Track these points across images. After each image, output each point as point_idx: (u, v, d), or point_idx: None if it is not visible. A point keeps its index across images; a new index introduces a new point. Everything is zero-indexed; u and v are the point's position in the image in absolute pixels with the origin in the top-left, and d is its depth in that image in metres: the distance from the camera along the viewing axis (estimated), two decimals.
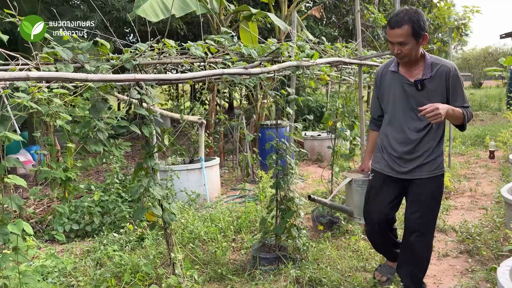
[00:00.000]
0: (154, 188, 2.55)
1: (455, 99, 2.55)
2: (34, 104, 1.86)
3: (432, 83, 2.53)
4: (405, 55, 2.48)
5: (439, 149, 2.65)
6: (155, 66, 2.74)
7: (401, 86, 2.60)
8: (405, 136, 2.62)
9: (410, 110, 2.60)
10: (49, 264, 3.60)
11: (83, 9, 7.53)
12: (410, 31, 2.40)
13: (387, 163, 2.73)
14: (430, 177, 2.65)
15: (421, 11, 2.47)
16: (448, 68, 2.53)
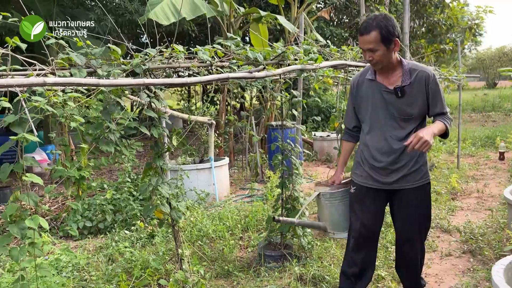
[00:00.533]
0: (162, 187, 2.67)
1: (435, 104, 2.51)
2: (49, 107, 1.99)
3: (412, 90, 2.47)
4: (377, 62, 2.43)
5: (423, 158, 2.57)
6: (164, 70, 2.86)
7: (380, 94, 2.52)
8: (388, 145, 2.52)
9: (390, 119, 2.52)
10: (63, 259, 3.77)
11: (96, 12, 7.71)
12: (379, 37, 2.34)
13: (369, 175, 2.62)
14: (417, 187, 2.57)
15: (390, 17, 2.42)
16: (427, 73, 2.48)
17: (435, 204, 5.24)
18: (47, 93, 2.05)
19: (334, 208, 2.84)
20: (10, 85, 1.65)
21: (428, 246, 3.99)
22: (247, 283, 3.34)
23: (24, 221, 1.96)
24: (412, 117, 2.49)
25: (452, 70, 7.05)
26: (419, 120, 2.53)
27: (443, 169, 7.14)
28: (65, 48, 2.35)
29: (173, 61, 2.88)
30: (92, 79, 1.91)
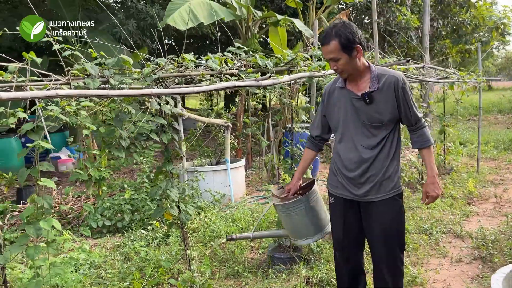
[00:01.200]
0: (171, 191, 2.79)
1: (407, 111, 2.44)
2: (63, 116, 2.13)
3: (381, 95, 2.40)
4: (342, 70, 2.40)
5: (392, 168, 2.48)
6: (175, 78, 2.98)
7: (350, 102, 2.47)
8: (358, 154, 2.47)
9: (361, 126, 2.46)
10: (82, 257, 3.94)
11: (119, 17, 7.94)
12: (338, 46, 2.30)
13: (344, 185, 2.57)
14: (387, 199, 2.49)
15: (349, 24, 2.37)
16: (396, 78, 2.40)
17: (449, 209, 5.21)
18: (62, 103, 2.19)
19: (289, 218, 2.79)
20: (26, 97, 1.78)
21: (439, 251, 4.00)
22: (255, 284, 3.43)
23: (39, 222, 2.10)
24: (383, 123, 2.43)
25: (472, 72, 6.96)
26: (391, 127, 2.47)
27: (461, 173, 7.06)
28: (80, 58, 2.49)
29: (184, 70, 3.01)
30: (101, 91, 2.04)
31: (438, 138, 7.16)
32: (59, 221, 5.34)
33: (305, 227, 2.76)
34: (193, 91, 2.45)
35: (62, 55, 2.44)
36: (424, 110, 6.08)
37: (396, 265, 2.57)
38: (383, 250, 2.54)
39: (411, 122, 2.50)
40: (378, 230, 2.52)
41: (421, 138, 2.52)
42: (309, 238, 2.81)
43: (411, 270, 3.54)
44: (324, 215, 2.92)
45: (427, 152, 2.52)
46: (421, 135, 2.52)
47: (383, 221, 2.50)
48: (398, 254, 2.56)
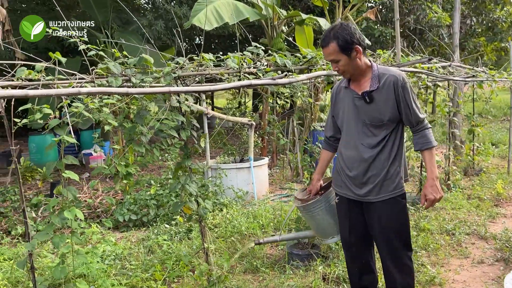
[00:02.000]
0: (190, 185, 2.88)
1: (408, 111, 2.42)
2: (87, 113, 2.26)
3: (381, 95, 2.41)
4: (344, 71, 2.43)
5: (394, 167, 2.47)
6: (195, 77, 3.08)
7: (352, 101, 2.50)
8: (358, 154, 2.48)
9: (362, 126, 2.48)
10: (108, 249, 4.12)
11: (148, 17, 8.16)
12: (337, 47, 2.34)
13: (346, 185, 2.59)
14: (389, 199, 2.47)
15: (347, 25, 2.39)
16: (396, 77, 2.40)
17: (475, 210, 5.11)
18: (86, 100, 2.31)
19: (312, 219, 2.83)
20: (50, 95, 1.91)
21: (461, 252, 3.94)
22: (272, 279, 3.49)
23: (63, 212, 2.23)
24: (383, 123, 2.43)
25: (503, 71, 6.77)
26: (392, 127, 2.46)
27: (491, 174, 6.88)
28: (103, 58, 2.62)
29: (204, 69, 3.10)
30: (121, 88, 2.15)
31: (467, 138, 7.01)
32: (88, 214, 5.57)
33: (329, 226, 2.77)
34: (209, 89, 2.54)
35: (87, 55, 2.58)
36: (452, 110, 5.97)
37: (402, 262, 2.56)
38: (386, 249, 2.55)
39: (412, 123, 2.47)
40: (380, 230, 2.53)
41: (423, 140, 2.48)
42: (334, 237, 2.83)
43: (430, 270, 3.52)
44: None
45: (428, 154, 2.47)
46: (423, 137, 2.48)
47: (384, 221, 2.50)
48: (405, 252, 2.55)
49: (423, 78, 4.86)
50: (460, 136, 7.37)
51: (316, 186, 2.91)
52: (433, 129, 6.35)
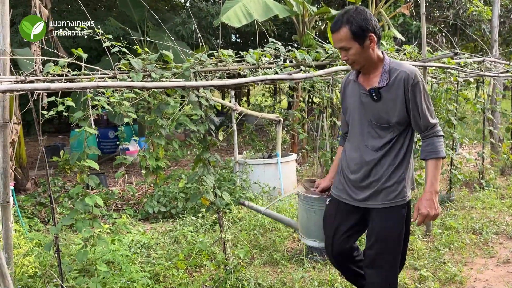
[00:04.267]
0: (208, 177, 2.99)
1: (417, 114, 2.17)
2: (107, 106, 2.40)
3: (390, 93, 2.16)
4: (354, 62, 2.18)
5: (398, 175, 2.23)
6: (215, 72, 3.18)
7: (359, 97, 2.27)
8: (360, 156, 2.28)
9: (368, 125, 2.25)
10: (136, 238, 4.31)
11: (182, 16, 8.37)
12: (349, 34, 2.09)
13: (344, 188, 2.37)
14: (386, 208, 2.24)
15: (363, 9, 2.14)
16: (407, 74, 2.14)
17: (507, 210, 4.95)
18: (107, 94, 2.46)
19: (306, 213, 2.63)
20: (70, 88, 2.05)
21: (487, 251, 3.85)
22: (291, 272, 3.55)
23: (85, 199, 2.39)
24: (390, 125, 2.20)
25: None
26: (399, 129, 2.22)
27: None
28: (126, 54, 2.76)
29: (224, 64, 3.20)
30: (138, 82, 2.27)
31: (505, 137, 6.77)
32: (121, 206, 5.83)
33: (318, 228, 2.56)
34: (224, 84, 2.62)
35: (110, 52, 2.74)
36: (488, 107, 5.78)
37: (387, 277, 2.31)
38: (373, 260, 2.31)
39: (420, 128, 2.22)
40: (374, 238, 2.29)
41: (430, 148, 2.22)
42: (316, 241, 2.60)
43: (451, 268, 3.46)
44: None
45: (432, 165, 2.20)
46: (430, 144, 2.22)
47: (379, 229, 2.27)
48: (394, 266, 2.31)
49: (453, 74, 4.76)
50: (498, 135, 7.12)
51: (328, 184, 2.65)
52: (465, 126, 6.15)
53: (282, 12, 6.71)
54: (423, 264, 3.57)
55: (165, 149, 5.91)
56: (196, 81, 2.72)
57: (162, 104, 2.75)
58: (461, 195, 5.51)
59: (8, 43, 2.49)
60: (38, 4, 6.48)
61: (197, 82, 2.60)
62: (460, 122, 5.31)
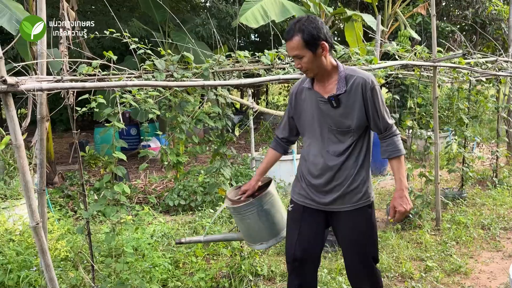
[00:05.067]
0: (224, 170, 3.22)
1: (376, 116, 2.24)
2: (133, 103, 2.65)
3: (349, 99, 2.21)
4: (307, 69, 2.21)
5: (361, 176, 2.30)
6: (232, 72, 3.40)
7: (317, 105, 2.28)
8: (323, 161, 2.29)
9: (328, 132, 2.29)
10: (158, 229, 4.58)
11: (202, 16, 8.63)
12: (301, 42, 2.11)
13: (307, 193, 2.37)
14: (354, 210, 2.30)
15: (314, 18, 2.18)
16: (364, 80, 2.20)
17: None
18: (133, 92, 2.71)
19: (241, 222, 2.60)
20: (102, 87, 2.30)
21: (493, 245, 3.98)
22: None
23: (114, 187, 2.64)
24: (350, 129, 2.25)
25: None
26: (359, 133, 2.28)
27: None
28: (150, 55, 3.01)
29: (241, 65, 3.41)
30: (162, 82, 2.51)
31: None
32: (143, 199, 6.12)
33: (259, 231, 2.54)
34: (240, 83, 2.84)
35: (137, 53, 2.99)
36: (501, 106, 5.85)
37: (370, 274, 2.39)
38: (351, 261, 2.39)
39: (380, 129, 2.29)
40: (345, 241, 2.37)
41: (391, 147, 2.29)
42: (263, 243, 2.58)
43: (457, 259, 3.61)
44: (281, 218, 2.63)
45: (396, 163, 2.27)
46: (391, 144, 2.29)
47: (350, 233, 2.33)
48: (372, 265, 2.38)
49: (465, 73, 4.87)
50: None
51: (254, 187, 2.60)
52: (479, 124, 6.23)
53: (299, 13, 6.89)
54: (429, 255, 3.73)
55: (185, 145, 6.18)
56: (214, 81, 2.94)
57: (183, 101, 2.99)
58: (473, 192, 5.61)
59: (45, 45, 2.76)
60: (66, 6, 6.83)
61: (215, 81, 2.82)
62: (472, 120, 5.41)
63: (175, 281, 3.33)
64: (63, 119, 14.79)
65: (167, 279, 3.34)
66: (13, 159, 4.79)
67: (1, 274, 3.03)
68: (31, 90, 2.00)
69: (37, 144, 2.80)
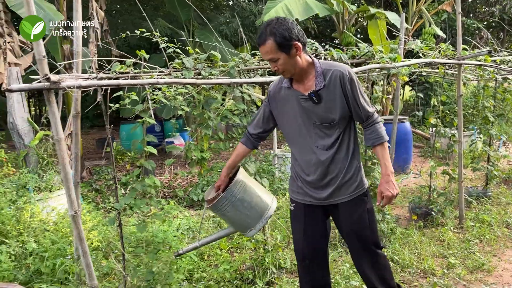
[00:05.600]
0: (249, 165, 3.31)
1: (357, 106, 2.29)
2: (164, 100, 2.76)
3: (328, 93, 2.25)
4: (284, 71, 2.23)
5: (354, 166, 2.37)
6: (257, 70, 3.49)
7: (298, 102, 2.31)
8: (315, 157, 2.34)
9: (314, 128, 2.32)
10: (183, 222, 4.71)
11: (225, 15, 8.75)
12: (274, 45, 2.13)
13: (304, 190, 2.44)
14: (352, 199, 2.38)
15: (284, 20, 2.18)
16: (342, 72, 2.24)
17: None
18: (163, 89, 2.83)
19: (224, 216, 2.64)
20: (136, 84, 2.43)
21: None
22: None
23: (144, 180, 2.77)
24: (335, 122, 2.29)
25: None
26: (344, 124, 2.33)
27: None
28: (179, 54, 3.12)
29: (266, 63, 3.50)
30: (191, 79, 2.62)
31: None
32: (168, 194, 6.28)
33: (243, 220, 2.57)
34: (265, 81, 2.93)
35: (166, 52, 3.10)
36: None
37: (373, 261, 2.48)
38: (356, 250, 2.48)
39: (361, 118, 2.34)
40: (347, 231, 2.46)
41: (374, 135, 2.36)
42: (252, 230, 2.59)
43: (480, 257, 3.62)
44: (259, 200, 2.59)
45: (380, 150, 2.35)
46: (374, 131, 2.36)
47: (350, 222, 2.42)
48: (374, 250, 2.46)
49: (490, 71, 4.83)
50: None
51: (225, 181, 2.62)
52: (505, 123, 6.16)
53: (322, 11, 6.93)
54: (452, 253, 3.74)
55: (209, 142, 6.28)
56: (240, 78, 3.03)
57: (210, 98, 3.09)
58: (498, 191, 5.56)
59: (80, 45, 2.90)
60: (95, 6, 7.05)
61: (241, 79, 2.92)
62: (498, 119, 5.36)
63: (200, 272, 3.45)
64: (89, 116, 15.18)
65: (193, 270, 3.47)
66: (46, 153, 5.00)
67: (38, 261, 3.20)
68: (71, 87, 2.13)
69: (73, 138, 2.95)
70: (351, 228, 2.42)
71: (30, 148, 5.12)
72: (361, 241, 2.43)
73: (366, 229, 2.42)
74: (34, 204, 3.99)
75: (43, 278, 3.08)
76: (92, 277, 2.42)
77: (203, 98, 3.08)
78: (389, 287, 2.54)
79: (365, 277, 2.53)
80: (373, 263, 2.47)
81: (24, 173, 4.57)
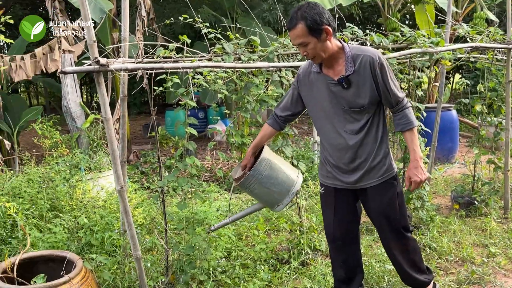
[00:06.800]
0: (286, 148, 3.38)
1: (386, 91, 2.30)
2: (204, 83, 2.88)
3: (358, 78, 2.26)
4: (314, 56, 2.25)
5: (382, 150, 2.39)
6: (296, 55, 3.53)
7: (327, 87, 2.33)
8: (344, 141, 2.37)
9: (343, 112, 2.35)
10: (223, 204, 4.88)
11: (268, 2, 8.77)
12: (305, 29, 2.14)
13: (333, 175, 2.49)
14: (381, 183, 2.41)
15: (315, 4, 2.18)
16: (371, 57, 2.24)
17: None
18: (205, 73, 2.94)
19: (252, 193, 2.72)
20: (178, 68, 2.55)
21: None
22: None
23: (186, 160, 2.91)
24: (364, 107, 2.31)
25: None
26: (373, 109, 2.36)
27: None
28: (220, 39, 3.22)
29: None
30: (230, 63, 2.72)
31: None
32: (209, 177, 6.48)
33: (271, 196, 2.64)
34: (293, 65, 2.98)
35: (208, 37, 3.21)
36: None
37: (402, 243, 2.54)
38: (385, 233, 2.54)
39: (391, 103, 2.36)
40: (376, 215, 2.51)
41: (403, 120, 2.38)
42: (280, 205, 2.67)
43: None
44: (286, 176, 2.66)
45: (409, 135, 2.37)
46: (403, 117, 2.38)
47: (379, 206, 2.46)
48: (403, 233, 2.51)
49: None
50: None
51: (250, 160, 2.68)
52: None
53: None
54: (493, 242, 3.67)
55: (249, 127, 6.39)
56: (280, 63, 3.10)
57: (249, 83, 3.18)
58: None
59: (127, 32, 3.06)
60: None
61: (278, 63, 2.98)
62: None
63: (238, 251, 3.58)
64: (136, 103, 15.70)
65: (231, 248, 3.60)
66: (96, 135, 5.30)
67: (88, 234, 3.45)
68: (118, 70, 2.28)
69: (120, 120, 3.13)
70: (380, 212, 2.47)
71: (82, 130, 5.44)
72: (390, 225, 2.49)
73: (396, 213, 2.46)
74: (85, 183, 4.27)
75: (93, 250, 3.32)
76: (136, 248, 2.60)
77: (243, 84, 3.17)
78: (419, 270, 2.59)
79: (395, 260, 2.60)
80: (403, 246, 2.54)
81: (76, 154, 4.88)
